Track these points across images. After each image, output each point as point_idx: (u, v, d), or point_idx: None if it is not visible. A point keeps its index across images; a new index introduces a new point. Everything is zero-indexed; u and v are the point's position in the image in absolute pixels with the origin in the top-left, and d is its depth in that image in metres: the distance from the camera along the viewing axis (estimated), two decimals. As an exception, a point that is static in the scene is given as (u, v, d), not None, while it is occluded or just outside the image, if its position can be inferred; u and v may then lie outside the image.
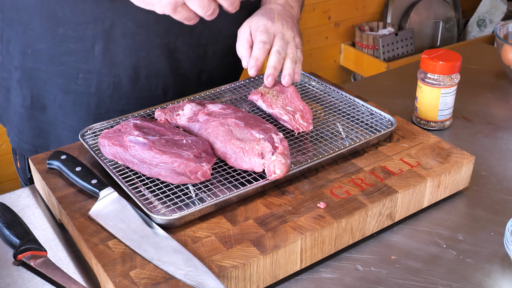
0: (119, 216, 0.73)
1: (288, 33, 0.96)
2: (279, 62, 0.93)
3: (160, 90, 1.03)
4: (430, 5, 2.97)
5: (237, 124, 0.83)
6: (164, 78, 1.02)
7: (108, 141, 0.81)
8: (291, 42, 0.95)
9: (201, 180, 0.77)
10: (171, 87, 1.04)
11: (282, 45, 0.93)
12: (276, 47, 0.93)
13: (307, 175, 0.82)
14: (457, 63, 0.99)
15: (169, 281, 0.65)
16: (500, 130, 1.06)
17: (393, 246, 0.79)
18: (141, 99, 1.02)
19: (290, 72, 0.93)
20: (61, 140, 1.04)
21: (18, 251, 0.73)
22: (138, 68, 0.99)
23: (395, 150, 0.88)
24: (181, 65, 1.03)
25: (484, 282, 0.73)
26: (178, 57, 1.01)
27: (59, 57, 0.97)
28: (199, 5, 0.78)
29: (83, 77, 0.98)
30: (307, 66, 2.87)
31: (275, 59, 0.92)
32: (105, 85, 0.99)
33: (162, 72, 1.01)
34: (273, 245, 0.70)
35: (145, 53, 0.98)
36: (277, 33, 0.94)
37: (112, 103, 1.01)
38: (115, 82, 0.99)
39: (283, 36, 0.95)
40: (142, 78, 1.00)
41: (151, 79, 1.01)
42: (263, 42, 0.92)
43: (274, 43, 0.93)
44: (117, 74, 0.99)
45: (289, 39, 0.95)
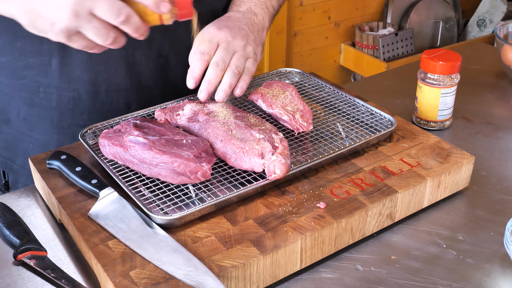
0: (119, 216, 0.73)
1: (236, 42, 0.88)
2: (216, 75, 0.85)
3: (122, 104, 1.00)
4: (430, 5, 2.97)
5: (237, 124, 0.83)
6: (125, 92, 1.00)
7: (108, 141, 0.81)
8: (239, 51, 0.87)
9: (201, 180, 0.77)
10: (134, 100, 1.01)
11: (223, 56, 0.86)
12: (215, 58, 0.85)
13: (307, 175, 0.82)
14: (457, 63, 0.99)
15: (169, 281, 0.65)
16: (500, 130, 1.06)
17: (393, 246, 0.79)
18: (103, 113, 1.00)
19: (226, 88, 0.85)
20: (28, 153, 1.03)
21: (18, 251, 0.73)
22: (97, 82, 0.97)
23: (395, 150, 0.88)
24: (142, 77, 1.00)
25: (484, 282, 0.73)
26: (138, 69, 0.99)
27: (20, 71, 0.96)
28: (95, 34, 0.70)
29: (43, 91, 0.97)
30: (307, 66, 2.87)
31: (211, 72, 0.85)
32: (65, 99, 0.98)
33: (123, 86, 0.99)
34: (273, 245, 0.70)
35: (102, 67, 0.96)
36: (222, 42, 0.87)
37: (74, 117, 1.00)
38: (74, 97, 0.98)
39: (228, 46, 0.87)
40: (102, 92, 0.98)
41: (112, 93, 0.99)
42: (201, 52, 0.85)
43: (216, 53, 0.86)
44: (76, 88, 0.97)
45: (237, 48, 0.87)
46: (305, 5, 2.74)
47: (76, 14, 0.68)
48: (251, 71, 0.88)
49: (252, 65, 0.89)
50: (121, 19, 0.69)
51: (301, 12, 2.75)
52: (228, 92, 0.86)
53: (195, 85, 0.85)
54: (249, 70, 0.88)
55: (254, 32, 0.93)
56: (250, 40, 0.90)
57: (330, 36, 2.90)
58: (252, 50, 0.90)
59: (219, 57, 0.85)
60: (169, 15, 0.73)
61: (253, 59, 0.90)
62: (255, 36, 0.92)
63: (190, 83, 0.85)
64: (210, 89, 0.85)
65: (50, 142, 1.02)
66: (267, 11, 0.99)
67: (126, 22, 0.70)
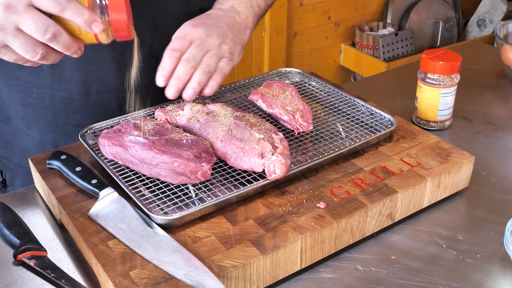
0: (119, 216, 0.73)
1: (211, 40, 0.86)
2: (185, 71, 0.83)
3: (114, 105, 1.00)
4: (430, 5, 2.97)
5: (237, 124, 0.83)
6: (117, 93, 0.99)
7: (108, 141, 0.81)
8: (212, 50, 0.85)
9: (201, 180, 0.77)
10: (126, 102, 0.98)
11: (195, 53, 0.84)
12: (186, 55, 0.84)
13: (307, 175, 0.82)
14: (457, 63, 0.99)
15: (169, 281, 0.65)
16: (500, 130, 1.06)
17: (393, 246, 0.79)
18: (96, 114, 1.00)
19: (194, 86, 0.83)
20: (25, 151, 1.03)
21: (18, 251, 0.73)
22: (88, 83, 0.97)
23: (395, 150, 0.88)
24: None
25: (484, 282, 0.73)
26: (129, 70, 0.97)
27: (14, 72, 0.96)
28: (21, 49, 0.70)
29: (36, 92, 0.98)
30: (307, 66, 2.87)
31: (180, 69, 0.83)
32: (57, 99, 0.98)
33: (114, 87, 0.98)
34: (273, 245, 0.70)
35: (92, 67, 0.96)
36: (195, 39, 0.85)
37: (67, 117, 1.00)
38: (66, 97, 0.98)
39: (201, 43, 0.85)
40: (94, 93, 0.98)
41: (103, 94, 0.99)
42: (172, 49, 0.84)
43: (187, 50, 0.84)
44: (68, 89, 0.97)
45: (211, 46, 0.85)
46: (305, 5, 2.74)
47: (1, 28, 0.68)
48: (224, 71, 0.86)
49: (226, 65, 0.87)
50: (48, 36, 0.69)
51: (301, 12, 2.75)
52: (197, 89, 0.84)
53: (164, 83, 0.84)
54: (222, 69, 0.86)
55: (233, 31, 0.90)
56: (227, 39, 0.88)
57: (330, 36, 2.90)
58: (227, 50, 0.87)
59: (190, 54, 0.84)
60: (104, 35, 0.73)
61: (228, 58, 0.87)
62: (234, 35, 0.90)
63: (159, 80, 0.84)
64: (179, 86, 0.83)
65: (46, 141, 1.02)
66: (252, 10, 0.96)
67: (54, 39, 0.70)
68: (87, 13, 0.70)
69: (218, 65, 0.86)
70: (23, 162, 1.05)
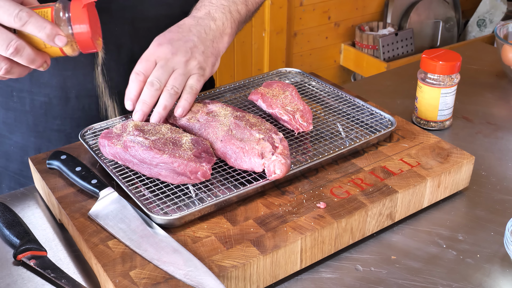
0: (119, 216, 0.73)
1: (176, 58, 0.83)
2: (150, 95, 0.82)
3: (95, 110, 0.99)
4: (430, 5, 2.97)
5: (237, 124, 0.83)
6: (97, 98, 0.98)
7: (108, 141, 0.80)
8: (178, 69, 0.83)
9: (201, 180, 0.77)
10: (108, 107, 0.99)
11: (159, 75, 0.82)
12: (150, 78, 0.82)
13: (307, 175, 0.82)
14: (457, 63, 0.99)
15: (169, 281, 0.65)
16: (500, 130, 1.06)
17: (393, 246, 0.79)
18: (76, 119, 0.99)
19: (159, 110, 0.83)
20: (8, 155, 1.03)
21: (18, 251, 0.73)
22: (66, 88, 0.96)
23: (395, 150, 0.88)
24: (113, 83, 0.97)
25: (484, 282, 0.73)
26: (108, 75, 0.96)
27: None
28: None
29: (17, 96, 0.97)
30: (307, 66, 2.88)
31: (145, 92, 0.82)
32: (37, 104, 0.98)
33: (94, 92, 0.97)
34: (273, 245, 0.70)
35: (70, 72, 0.95)
36: (159, 60, 0.83)
37: (48, 122, 0.99)
38: (46, 102, 0.97)
39: (166, 63, 0.83)
40: (73, 98, 0.97)
41: (83, 99, 0.98)
42: (136, 72, 0.83)
43: (152, 73, 0.83)
44: (46, 93, 0.97)
45: (176, 65, 0.83)
46: (305, 5, 2.74)
47: None
48: (194, 88, 0.85)
49: (197, 82, 0.85)
50: (10, 51, 0.70)
51: (301, 12, 2.75)
52: (163, 114, 0.83)
53: (132, 107, 0.83)
54: (191, 87, 0.84)
55: (205, 42, 0.87)
56: (196, 53, 0.85)
57: (330, 36, 2.90)
58: (196, 65, 0.85)
59: (154, 76, 0.82)
60: (69, 48, 0.73)
61: (198, 74, 0.85)
62: (206, 46, 0.87)
63: (127, 104, 0.83)
64: (145, 109, 0.82)
65: (28, 145, 1.02)
66: (230, 16, 0.92)
67: (17, 54, 0.70)
68: (49, 27, 0.70)
69: (187, 83, 0.84)
70: (8, 166, 1.04)
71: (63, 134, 1.01)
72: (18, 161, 1.03)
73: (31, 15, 0.70)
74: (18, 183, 1.04)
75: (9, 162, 1.04)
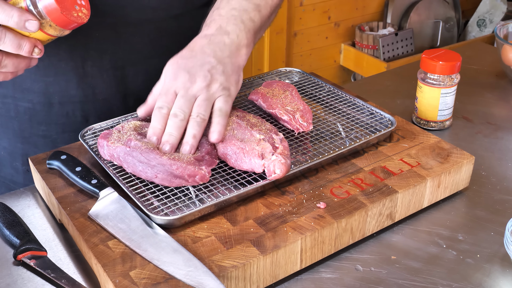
0: (119, 216, 0.73)
1: (195, 86, 0.80)
2: (176, 126, 0.78)
3: (79, 116, 0.98)
4: (430, 5, 2.97)
5: (238, 123, 0.83)
6: (80, 104, 0.97)
7: (107, 141, 0.80)
8: (201, 95, 0.80)
9: (199, 183, 0.76)
10: (92, 114, 0.98)
11: (181, 105, 0.79)
12: (173, 110, 0.79)
13: (307, 175, 0.82)
14: (457, 63, 0.99)
15: (169, 281, 0.65)
16: (500, 130, 1.06)
17: (393, 246, 0.79)
18: (61, 125, 0.98)
19: (188, 140, 0.78)
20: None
21: (18, 251, 0.73)
22: (49, 94, 0.95)
23: (395, 150, 0.88)
24: (97, 90, 0.96)
25: (484, 282, 0.73)
26: (91, 82, 0.95)
27: None
28: None
29: (1, 101, 0.97)
30: (307, 66, 2.88)
31: (170, 124, 0.78)
32: (21, 109, 0.97)
33: (77, 98, 0.96)
34: (273, 245, 0.70)
35: (52, 78, 0.94)
36: (179, 90, 0.80)
37: (33, 127, 0.98)
38: (29, 108, 0.97)
39: (186, 93, 0.79)
40: (56, 104, 0.96)
41: (66, 105, 0.97)
42: (159, 107, 0.80)
43: (174, 104, 0.79)
44: (30, 99, 0.96)
45: (198, 92, 0.79)
46: (305, 5, 2.74)
47: None
48: (224, 111, 0.80)
49: (224, 103, 0.81)
50: None
51: (301, 12, 2.75)
52: (193, 143, 0.78)
53: (158, 142, 0.79)
54: (220, 110, 0.80)
55: (223, 60, 0.83)
56: (216, 75, 0.81)
57: (330, 36, 2.90)
58: (219, 87, 0.81)
59: (177, 107, 0.79)
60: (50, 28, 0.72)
61: (224, 95, 0.81)
62: (225, 65, 0.82)
63: (153, 139, 0.79)
64: (172, 141, 0.78)
65: (15, 150, 1.01)
66: (243, 26, 0.86)
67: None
68: (16, 14, 0.69)
69: (215, 107, 0.81)
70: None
71: (49, 139, 1.00)
72: (8, 167, 1.03)
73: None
74: (8, 189, 1.03)
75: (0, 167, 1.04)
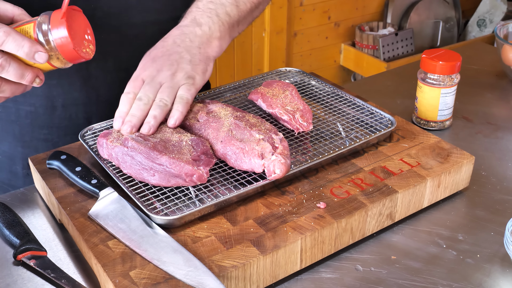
0: (119, 216, 0.73)
1: (162, 74, 0.84)
2: (139, 108, 0.82)
3: (82, 119, 0.98)
4: (430, 5, 2.97)
5: (237, 124, 0.83)
6: (84, 106, 0.98)
7: (106, 140, 0.80)
8: (166, 82, 0.83)
9: (196, 183, 0.76)
10: (95, 116, 0.99)
11: (146, 91, 0.83)
12: (138, 95, 0.83)
13: (307, 175, 0.82)
14: (457, 63, 0.99)
15: (169, 281, 0.65)
16: (500, 130, 1.06)
17: (393, 246, 0.79)
18: (63, 128, 0.98)
19: (149, 120, 0.81)
20: None
21: (18, 251, 0.73)
22: (52, 97, 0.95)
23: (395, 150, 0.88)
24: (101, 92, 0.98)
25: (484, 282, 0.73)
26: (95, 84, 0.96)
27: None
28: None
29: (2, 105, 0.97)
30: (307, 66, 2.88)
31: (134, 107, 0.82)
32: (23, 113, 0.97)
33: (80, 100, 0.97)
34: (273, 245, 0.70)
35: (55, 81, 0.94)
36: (146, 77, 0.84)
37: (34, 131, 0.99)
38: (31, 111, 0.97)
39: (152, 80, 0.84)
40: (59, 107, 0.97)
41: (69, 108, 0.97)
42: (126, 92, 0.83)
43: (140, 90, 0.83)
44: (32, 103, 0.96)
45: (163, 80, 0.84)
46: (305, 5, 2.74)
47: None
48: (185, 98, 0.83)
49: (186, 91, 0.84)
50: None
51: (301, 12, 2.75)
52: (153, 123, 0.81)
53: (121, 124, 0.82)
54: (182, 97, 0.83)
55: (192, 50, 0.87)
56: (182, 64, 0.85)
57: (330, 36, 2.90)
58: (183, 76, 0.84)
59: (142, 92, 0.83)
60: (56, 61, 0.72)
61: (187, 84, 0.84)
62: (192, 54, 0.86)
63: (117, 121, 0.82)
64: (134, 121, 0.81)
65: (15, 154, 1.01)
66: (218, 19, 0.90)
67: (2, 70, 0.70)
68: (27, 45, 0.69)
69: (177, 94, 0.84)
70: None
71: (50, 143, 1.00)
72: (6, 171, 1.03)
73: (8, 34, 0.68)
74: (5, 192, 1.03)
75: None
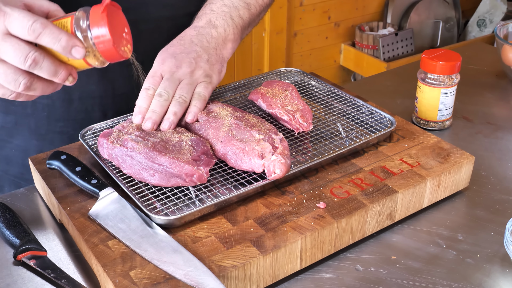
0: (119, 216, 0.73)
1: (181, 71, 0.86)
2: (159, 104, 0.83)
3: (97, 111, 0.99)
4: (430, 5, 2.97)
5: (237, 124, 0.83)
6: (100, 99, 0.99)
7: (107, 141, 0.80)
8: (185, 79, 0.85)
9: (196, 183, 0.76)
10: (110, 108, 1.00)
11: (166, 87, 0.84)
12: (158, 90, 0.84)
13: (307, 175, 0.82)
14: (457, 63, 0.99)
15: (169, 281, 0.65)
16: (500, 130, 1.06)
17: (393, 246, 0.79)
18: (79, 121, 0.99)
19: (169, 116, 0.83)
20: (9, 159, 1.03)
21: (18, 251, 0.73)
22: (70, 90, 0.96)
23: (395, 150, 0.88)
24: (117, 85, 0.99)
25: (484, 282, 0.73)
26: (112, 76, 0.97)
27: None
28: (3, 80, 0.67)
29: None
30: (307, 66, 2.88)
31: (154, 103, 0.83)
32: (39, 106, 0.98)
33: (97, 93, 0.98)
34: (273, 245, 0.70)
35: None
36: (165, 73, 0.85)
37: (50, 124, 0.99)
38: (48, 104, 0.97)
39: (172, 76, 0.85)
40: (76, 99, 0.97)
41: (86, 101, 0.98)
42: (145, 88, 0.85)
43: (159, 86, 0.85)
44: (50, 96, 0.96)
45: (182, 76, 0.85)
46: (305, 5, 2.74)
47: None
48: (202, 95, 0.86)
49: (204, 89, 0.86)
50: (28, 63, 0.66)
51: (301, 12, 2.75)
52: (173, 119, 0.83)
53: (142, 120, 0.83)
54: (200, 95, 0.86)
55: (209, 50, 0.89)
56: (200, 63, 0.87)
57: (330, 36, 2.90)
58: (202, 74, 0.87)
59: (161, 88, 0.84)
60: (93, 58, 0.69)
61: (205, 82, 0.87)
62: (209, 55, 0.89)
63: (137, 118, 0.83)
64: (154, 118, 0.82)
65: (30, 148, 1.01)
66: (232, 22, 0.93)
67: (35, 66, 0.66)
68: (64, 38, 0.66)
69: (195, 91, 0.86)
70: (8, 170, 1.04)
71: (65, 136, 1.00)
72: (19, 164, 1.03)
73: (45, 26, 0.65)
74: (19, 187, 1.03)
75: (10, 165, 1.04)
